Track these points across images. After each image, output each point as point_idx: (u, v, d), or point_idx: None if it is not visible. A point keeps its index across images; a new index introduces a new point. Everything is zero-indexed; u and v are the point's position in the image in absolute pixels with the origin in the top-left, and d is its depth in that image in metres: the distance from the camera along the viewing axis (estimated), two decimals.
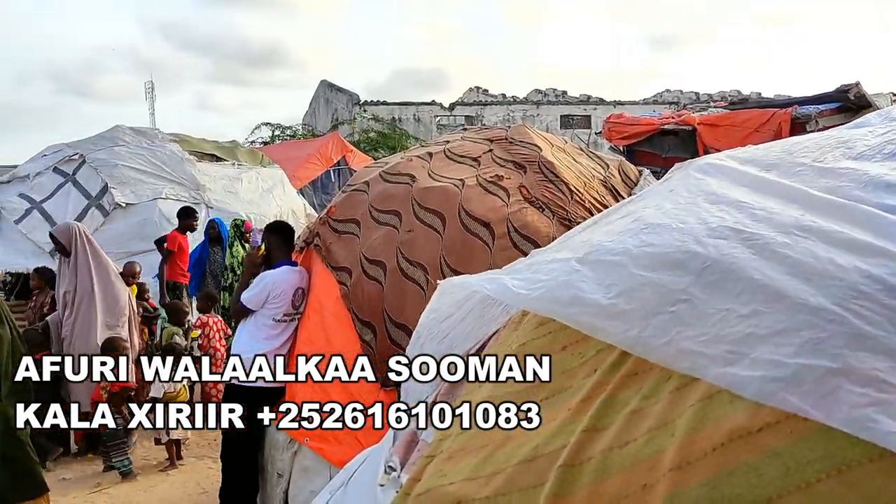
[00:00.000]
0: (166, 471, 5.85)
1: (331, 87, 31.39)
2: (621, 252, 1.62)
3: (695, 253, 1.44)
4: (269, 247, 4.70)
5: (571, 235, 2.22)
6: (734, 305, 1.29)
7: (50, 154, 9.79)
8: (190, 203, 9.13)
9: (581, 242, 1.93)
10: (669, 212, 1.71)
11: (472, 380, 1.99)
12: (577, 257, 1.70)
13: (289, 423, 4.33)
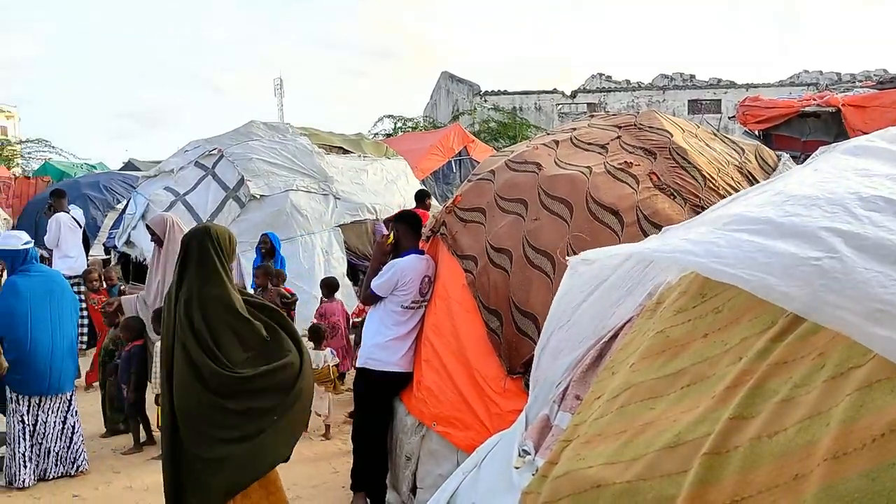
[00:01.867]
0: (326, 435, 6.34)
1: (451, 78, 31.65)
2: (763, 221, 1.56)
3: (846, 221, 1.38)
4: (398, 235, 4.80)
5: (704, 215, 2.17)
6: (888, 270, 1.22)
7: (191, 149, 10.39)
8: (319, 195, 9.47)
9: (716, 216, 1.87)
10: (816, 184, 1.64)
11: (607, 367, 1.98)
12: (716, 227, 1.66)
13: (417, 408, 4.45)
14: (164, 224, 6.43)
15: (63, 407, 5.64)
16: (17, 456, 5.45)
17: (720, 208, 2.02)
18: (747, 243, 1.45)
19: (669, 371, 1.66)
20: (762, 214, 1.57)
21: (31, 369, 5.47)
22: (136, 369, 6.18)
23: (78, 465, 5.68)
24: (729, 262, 1.44)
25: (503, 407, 3.85)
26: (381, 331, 4.64)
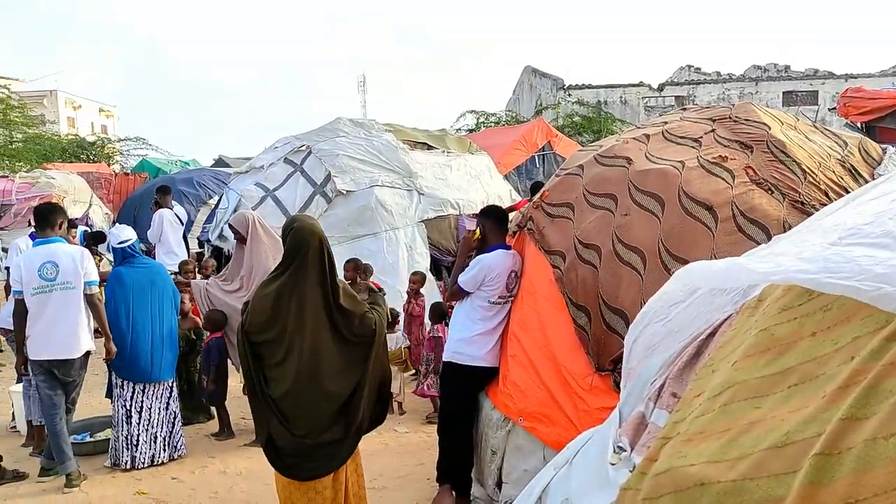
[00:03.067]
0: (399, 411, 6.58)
1: (535, 73, 31.43)
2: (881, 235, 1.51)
3: None
4: (484, 231, 4.82)
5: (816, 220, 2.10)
6: None
7: (281, 146, 10.64)
8: (403, 190, 9.56)
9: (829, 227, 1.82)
10: None
11: (707, 364, 1.94)
12: (830, 241, 1.61)
13: (503, 403, 4.46)
14: (246, 222, 6.68)
15: (165, 394, 5.91)
16: (120, 439, 5.74)
17: (831, 215, 1.95)
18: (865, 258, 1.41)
19: (775, 370, 1.62)
20: (880, 227, 1.51)
21: (133, 357, 5.74)
22: (216, 362, 6.40)
23: (178, 450, 5.94)
24: (844, 275, 1.40)
25: (591, 404, 3.82)
26: (468, 326, 4.67)
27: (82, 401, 6.14)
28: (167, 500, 5.16)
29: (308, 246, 3.55)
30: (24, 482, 5.53)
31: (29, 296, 5.34)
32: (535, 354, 4.28)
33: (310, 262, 3.54)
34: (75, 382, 5.57)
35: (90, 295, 5.46)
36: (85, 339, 5.49)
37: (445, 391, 4.83)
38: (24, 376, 5.93)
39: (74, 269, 5.40)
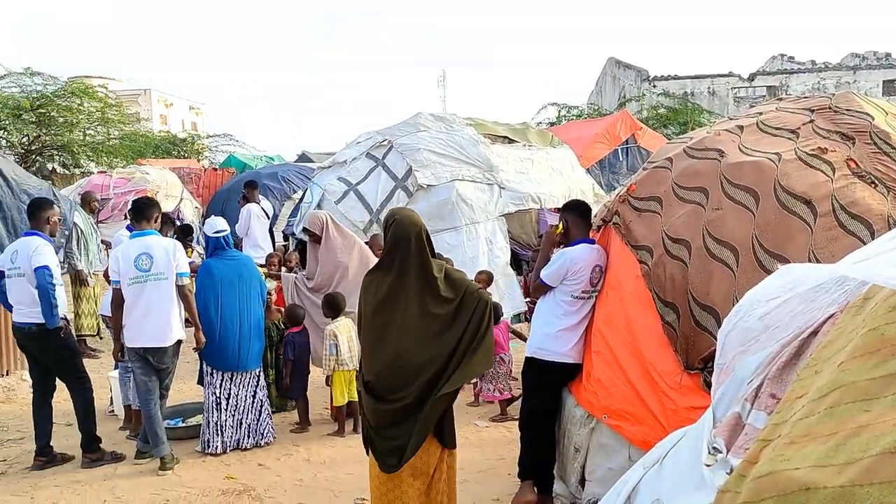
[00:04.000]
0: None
1: (618, 64, 30.86)
2: None
3: None
4: (567, 225, 4.75)
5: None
6: None
7: (363, 141, 10.78)
8: (484, 184, 9.54)
9: None
10: None
11: (809, 365, 1.86)
12: None
13: (586, 399, 4.40)
14: (320, 222, 6.87)
15: (252, 382, 6.08)
16: (210, 425, 5.94)
17: None
18: None
19: (886, 371, 1.53)
20: None
21: (221, 346, 5.93)
22: (294, 356, 6.52)
23: (264, 437, 6.10)
24: None
25: (679, 403, 3.72)
26: (551, 321, 4.62)
27: (174, 387, 6.38)
28: (254, 485, 5.30)
29: (409, 238, 3.61)
30: (121, 463, 5.79)
31: (125, 286, 5.57)
32: (621, 351, 4.19)
33: (412, 255, 3.60)
34: (168, 369, 5.79)
35: (181, 286, 5.66)
36: (176, 328, 5.70)
37: (528, 387, 4.80)
38: (121, 362, 6.20)
39: (167, 260, 5.61)
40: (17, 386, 7.99)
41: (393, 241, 3.64)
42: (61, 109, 19.51)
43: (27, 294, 5.61)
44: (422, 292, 3.58)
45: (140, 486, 5.34)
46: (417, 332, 3.56)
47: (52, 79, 19.94)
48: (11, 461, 5.97)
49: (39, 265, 5.52)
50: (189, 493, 5.20)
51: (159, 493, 5.22)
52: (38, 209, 5.86)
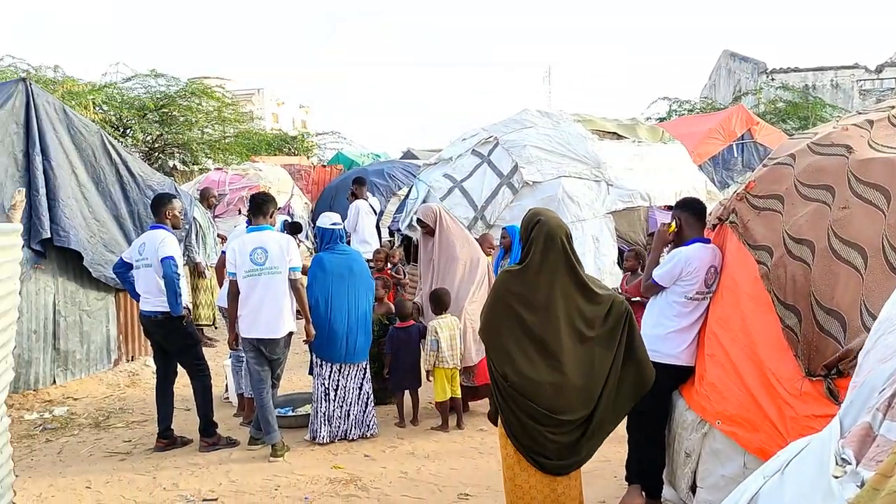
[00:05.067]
0: None
1: (733, 57, 29.66)
2: None
3: None
4: (681, 223, 4.61)
5: None
6: None
7: (469, 138, 10.83)
8: (592, 181, 9.39)
9: None
10: None
11: None
12: None
13: (699, 404, 4.25)
14: (434, 215, 6.82)
15: (359, 375, 6.21)
16: (318, 415, 6.11)
17: None
18: None
19: None
20: None
21: (330, 338, 6.08)
22: (392, 352, 6.60)
23: (370, 429, 6.23)
24: None
25: (799, 411, 3.53)
26: (662, 322, 4.49)
27: (285, 377, 6.60)
28: (360, 475, 5.42)
29: (558, 238, 3.55)
30: (235, 448, 6.04)
31: (241, 278, 5.80)
32: (737, 355, 4.02)
33: (562, 255, 3.53)
34: (279, 360, 6.00)
35: (294, 280, 5.84)
36: (288, 320, 5.89)
37: None
38: (236, 351, 6.46)
39: (281, 255, 5.80)
40: (141, 371, 8.47)
41: (542, 239, 3.55)
42: (182, 109, 20.47)
43: (153, 284, 5.92)
44: (574, 294, 3.53)
45: (252, 471, 5.55)
46: (572, 334, 3.51)
47: (174, 80, 20.96)
48: (136, 442, 6.33)
49: (165, 256, 5.83)
50: (298, 480, 5.36)
51: (270, 478, 5.41)
52: (161, 204, 6.19)
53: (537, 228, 3.58)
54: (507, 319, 3.59)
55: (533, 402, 3.51)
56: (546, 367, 3.51)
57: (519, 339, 3.56)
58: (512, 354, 3.56)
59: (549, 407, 3.50)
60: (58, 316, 7.79)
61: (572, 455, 3.59)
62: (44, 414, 7.08)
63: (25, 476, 5.34)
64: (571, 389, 3.51)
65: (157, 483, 5.41)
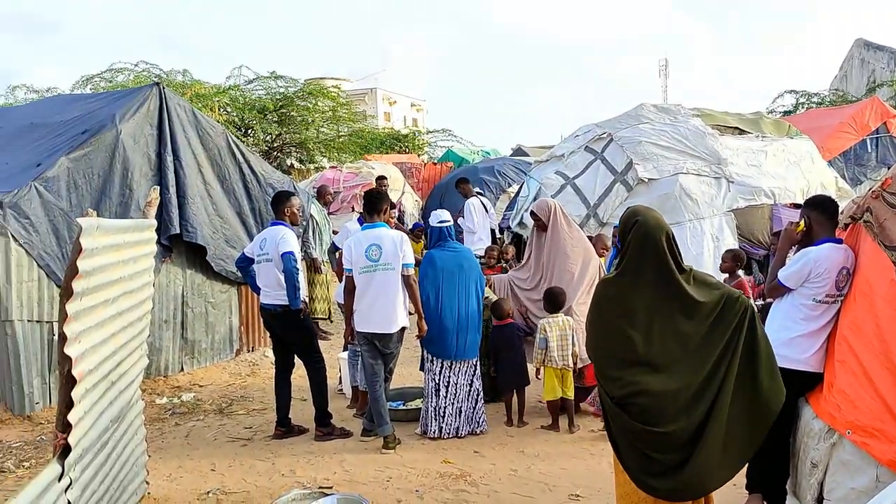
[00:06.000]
0: None
1: (867, 46, 27.88)
2: None
3: None
4: (810, 222, 4.36)
5: None
6: None
7: (582, 134, 10.65)
8: (711, 178, 9.04)
9: None
10: None
11: None
12: None
13: (827, 412, 4.02)
14: (548, 210, 6.72)
15: (469, 371, 6.24)
16: (429, 409, 6.17)
17: None
18: None
19: None
20: None
21: (441, 335, 6.13)
22: (494, 350, 6.58)
23: (479, 425, 6.24)
24: None
25: None
26: (788, 325, 4.27)
27: (398, 372, 6.70)
28: (470, 471, 5.44)
29: (655, 243, 3.35)
30: (348, 439, 6.19)
31: (357, 274, 5.94)
32: (870, 362, 3.77)
33: (659, 262, 3.34)
34: (392, 354, 6.11)
35: (407, 276, 5.92)
36: (401, 316, 5.98)
37: None
38: (351, 344, 6.62)
39: (395, 251, 5.89)
40: (260, 361, 8.82)
41: (638, 243, 3.37)
42: (300, 109, 21.19)
43: (273, 278, 6.15)
44: (671, 305, 3.32)
45: (365, 462, 5.67)
46: (671, 343, 3.31)
47: (293, 81, 21.75)
48: (255, 429, 6.59)
49: (285, 251, 6.04)
50: (409, 473, 5.44)
51: (382, 470, 5.51)
52: (280, 201, 6.41)
53: (634, 230, 3.38)
54: (605, 331, 3.45)
55: (632, 415, 3.35)
56: (645, 378, 3.33)
57: (618, 350, 3.40)
58: (611, 367, 3.43)
59: (648, 420, 3.32)
60: (186, 307, 8.23)
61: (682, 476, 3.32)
62: (173, 399, 7.49)
63: (157, 457, 5.66)
64: (671, 399, 3.31)
65: (276, 469, 5.61)
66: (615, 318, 3.41)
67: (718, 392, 3.33)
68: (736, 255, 7.08)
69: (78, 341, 3.44)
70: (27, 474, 5.54)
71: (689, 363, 3.32)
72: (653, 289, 3.34)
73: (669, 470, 3.33)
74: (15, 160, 7.68)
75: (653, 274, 3.35)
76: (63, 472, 3.32)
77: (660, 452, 3.32)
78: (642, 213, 3.49)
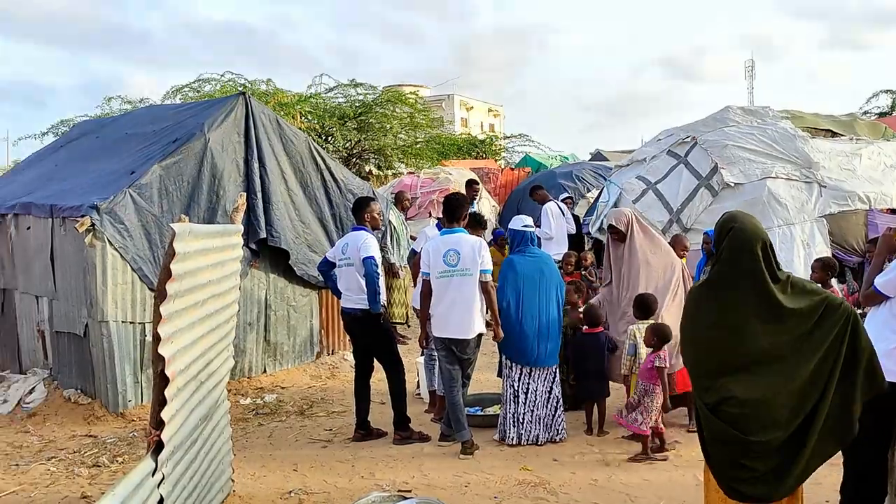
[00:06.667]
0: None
1: None
2: None
3: None
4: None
5: None
6: None
7: (664, 138, 10.45)
8: (802, 182, 8.73)
9: None
10: None
11: None
12: None
13: None
14: (626, 219, 6.54)
15: (549, 378, 6.18)
16: (508, 416, 6.14)
17: None
18: None
19: None
20: None
21: (521, 341, 6.09)
22: (578, 357, 6.48)
23: (559, 433, 6.17)
24: None
25: None
26: (886, 335, 4.05)
27: (475, 377, 6.68)
28: (549, 479, 5.37)
29: (752, 250, 3.23)
30: (427, 444, 6.21)
31: (434, 279, 5.96)
32: None
33: (755, 270, 3.21)
34: (470, 360, 6.10)
35: (485, 282, 5.91)
36: (478, 321, 5.97)
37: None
38: (426, 349, 6.65)
39: (473, 257, 5.89)
40: (340, 364, 8.96)
41: (733, 250, 3.26)
42: (378, 116, 21.48)
43: (355, 282, 6.24)
44: (764, 313, 3.21)
45: (444, 467, 5.68)
46: (766, 351, 3.20)
47: (372, 88, 22.08)
48: (336, 431, 6.69)
49: (367, 256, 6.13)
50: (487, 479, 5.41)
51: (461, 475, 5.51)
52: (361, 207, 6.51)
53: (730, 236, 3.26)
54: (697, 338, 3.37)
55: (725, 422, 3.25)
56: (738, 385, 3.22)
57: (710, 357, 3.31)
58: (704, 374, 3.34)
59: (742, 428, 3.21)
60: (269, 310, 8.43)
61: (774, 483, 3.23)
62: (256, 400, 7.69)
63: (241, 456, 5.80)
64: (764, 408, 3.21)
65: (356, 471, 5.68)
66: (707, 324, 3.33)
67: (819, 401, 3.21)
68: (826, 263, 6.73)
69: (171, 342, 3.56)
70: (121, 469, 5.77)
71: (785, 371, 3.20)
72: (745, 296, 3.24)
73: (762, 477, 3.24)
74: (111, 168, 8.05)
75: (746, 281, 3.24)
76: (156, 467, 3.44)
77: (753, 461, 3.22)
78: (739, 219, 3.36)
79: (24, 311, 8.11)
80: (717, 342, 3.29)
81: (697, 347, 3.39)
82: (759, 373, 3.21)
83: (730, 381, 3.24)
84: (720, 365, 3.28)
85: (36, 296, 7.84)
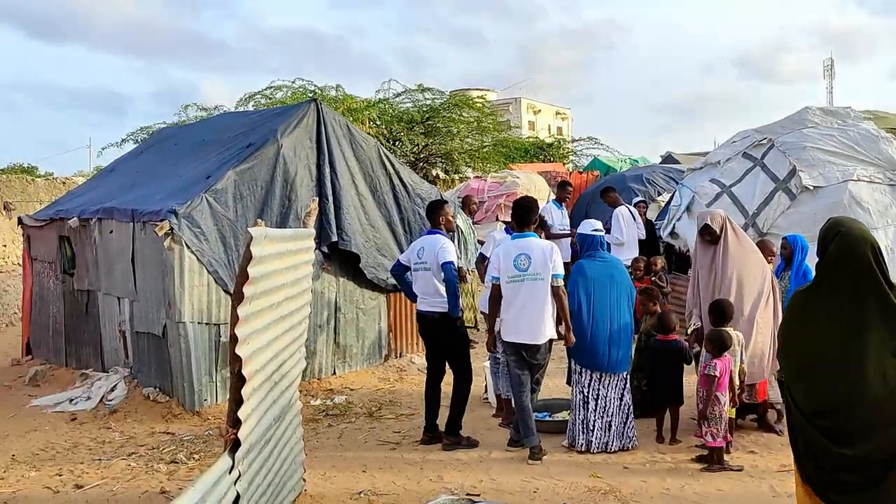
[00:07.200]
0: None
1: None
2: None
3: None
4: None
5: None
6: None
7: (739, 140, 10.16)
8: (885, 185, 8.39)
9: None
10: None
11: None
12: None
13: None
14: (721, 220, 6.32)
15: (620, 385, 6.09)
16: (577, 422, 6.08)
17: None
18: None
19: None
20: None
21: (592, 346, 6.01)
22: (652, 364, 6.37)
23: (630, 441, 6.07)
24: None
25: None
26: None
27: (544, 383, 6.62)
28: (619, 487, 5.30)
29: (863, 255, 3.08)
30: (495, 449, 6.18)
31: (504, 283, 5.94)
32: None
33: (868, 275, 3.07)
34: (540, 365, 6.06)
35: (556, 287, 5.86)
36: (549, 326, 5.92)
37: None
38: (493, 353, 6.63)
39: (544, 261, 5.85)
40: (407, 367, 9.03)
41: (838, 255, 3.12)
42: (445, 120, 21.60)
43: (431, 285, 6.27)
44: (873, 320, 3.05)
45: (511, 472, 5.65)
46: (869, 367, 3.04)
47: (440, 93, 22.22)
48: (404, 433, 6.73)
49: (446, 261, 6.15)
50: (556, 485, 5.37)
51: (529, 480, 5.47)
52: (435, 210, 6.54)
53: (835, 242, 3.13)
54: (795, 343, 3.24)
55: (820, 431, 3.14)
56: (836, 393, 3.12)
57: (809, 363, 3.18)
58: (801, 380, 3.21)
59: (836, 438, 3.08)
60: (338, 312, 8.56)
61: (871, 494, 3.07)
62: (326, 401, 7.80)
63: (312, 456, 5.89)
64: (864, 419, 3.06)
65: (424, 474, 5.70)
66: (807, 331, 3.21)
67: None
68: None
69: (247, 343, 3.65)
70: (197, 466, 5.94)
71: (890, 382, 3.07)
72: (852, 302, 3.11)
73: (857, 487, 3.11)
74: (189, 173, 8.30)
75: (853, 287, 3.10)
76: (233, 464, 3.52)
77: (847, 473, 3.10)
78: (846, 224, 3.22)
79: (107, 312, 8.43)
80: (817, 347, 3.15)
81: (796, 351, 3.27)
82: (863, 381, 3.07)
83: (829, 387, 3.13)
84: (820, 370, 3.16)
85: (118, 297, 8.14)
